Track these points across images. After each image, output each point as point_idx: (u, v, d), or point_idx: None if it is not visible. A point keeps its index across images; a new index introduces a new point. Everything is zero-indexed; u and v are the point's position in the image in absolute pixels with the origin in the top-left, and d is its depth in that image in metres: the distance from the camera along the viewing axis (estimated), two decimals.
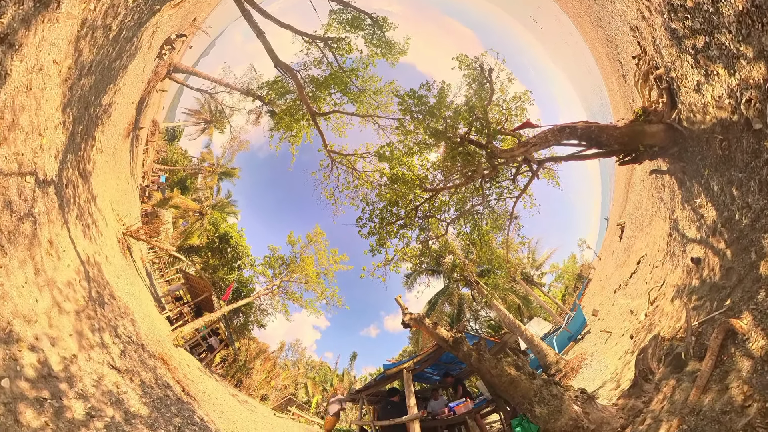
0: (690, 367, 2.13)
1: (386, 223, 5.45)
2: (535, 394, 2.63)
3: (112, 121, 5.74)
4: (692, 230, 3.18)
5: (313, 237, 12.81)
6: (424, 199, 5.61)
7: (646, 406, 2.34)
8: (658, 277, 4.22)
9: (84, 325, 2.80)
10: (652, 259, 5.01)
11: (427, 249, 6.42)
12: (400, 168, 5.62)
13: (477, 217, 6.08)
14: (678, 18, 2.65)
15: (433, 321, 3.77)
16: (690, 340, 2.23)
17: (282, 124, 7.84)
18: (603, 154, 3.69)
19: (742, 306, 1.83)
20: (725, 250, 2.34)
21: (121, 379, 2.86)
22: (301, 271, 12.05)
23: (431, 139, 5.13)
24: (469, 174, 4.97)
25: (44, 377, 1.91)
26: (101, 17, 3.08)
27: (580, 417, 2.44)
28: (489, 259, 7.44)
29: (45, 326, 2.18)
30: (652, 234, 5.49)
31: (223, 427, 4.45)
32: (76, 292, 2.91)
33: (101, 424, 2.10)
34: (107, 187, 6.11)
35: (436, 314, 12.58)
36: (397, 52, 7.66)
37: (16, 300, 1.96)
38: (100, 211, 4.84)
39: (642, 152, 3.37)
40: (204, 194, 21.59)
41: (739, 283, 2.00)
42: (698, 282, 2.73)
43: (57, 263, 2.71)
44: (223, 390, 7.99)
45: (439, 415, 3.91)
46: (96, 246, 4.18)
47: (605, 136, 3.44)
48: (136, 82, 7.02)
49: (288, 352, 27.49)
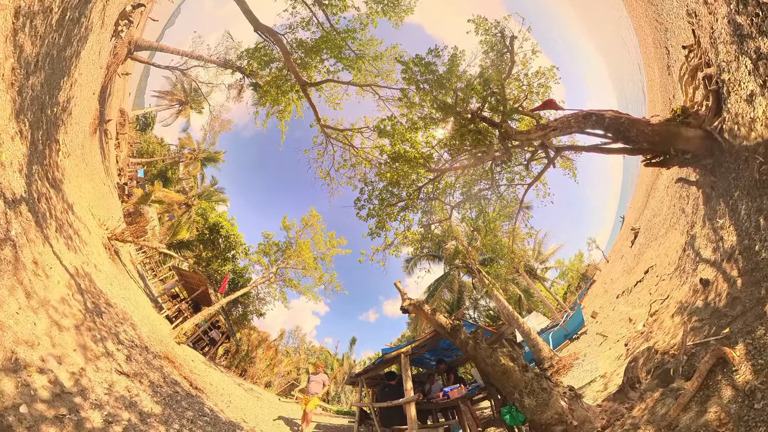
0: (676, 383, 2.37)
1: (386, 205, 5.31)
2: (525, 386, 2.90)
3: (74, 118, 5.36)
4: (708, 250, 3.24)
5: (309, 220, 12.81)
6: (427, 180, 5.42)
7: (628, 412, 2.65)
8: (663, 290, 4.42)
9: (86, 337, 3.02)
10: (660, 271, 5.17)
11: (429, 233, 6.36)
12: (403, 145, 5.29)
13: (484, 203, 5.94)
14: (747, 12, 2.34)
15: (432, 307, 3.91)
16: (681, 359, 2.45)
17: (268, 98, 7.23)
18: (629, 151, 3.51)
19: (739, 338, 1.97)
20: (736, 278, 2.42)
21: (131, 382, 3.17)
22: (298, 257, 12.17)
23: (438, 114, 4.82)
24: (479, 155, 4.77)
25: (58, 395, 2.13)
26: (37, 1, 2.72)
27: (566, 412, 2.77)
28: (493, 248, 7.55)
29: (48, 347, 2.36)
30: (665, 245, 5.54)
31: (233, 415, 4.98)
32: (72, 307, 3.07)
33: (120, 428, 2.40)
34: (83, 193, 5.97)
35: (436, 301, 13.12)
36: (402, 10, 6.78)
37: (15, 328, 2.09)
38: (79, 220, 4.82)
39: (672, 156, 3.19)
40: (188, 184, 21.11)
41: (742, 314, 2.13)
42: (702, 304, 2.89)
43: (46, 282, 2.81)
44: (229, 380, 8.82)
45: (434, 399, 4.34)
46: (82, 256, 4.26)
47: (635, 131, 3.23)
48: (93, 69, 6.39)
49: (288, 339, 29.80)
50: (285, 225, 13.15)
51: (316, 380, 5.73)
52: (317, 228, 12.93)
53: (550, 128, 3.69)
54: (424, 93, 4.79)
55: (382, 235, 5.37)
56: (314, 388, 5.59)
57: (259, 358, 17.91)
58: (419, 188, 5.44)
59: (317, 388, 5.60)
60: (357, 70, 6.89)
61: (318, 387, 5.62)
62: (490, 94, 4.41)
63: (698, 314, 2.80)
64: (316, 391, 5.55)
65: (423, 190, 5.49)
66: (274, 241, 13.06)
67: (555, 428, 2.70)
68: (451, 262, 12.32)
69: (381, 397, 4.99)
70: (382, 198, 5.36)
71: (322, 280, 12.49)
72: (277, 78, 7.28)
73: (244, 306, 16.59)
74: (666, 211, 6.47)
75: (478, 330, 3.41)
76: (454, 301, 14.13)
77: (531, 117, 4.56)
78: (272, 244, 13.03)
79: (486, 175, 5.45)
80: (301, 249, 12.27)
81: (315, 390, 5.57)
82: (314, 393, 5.54)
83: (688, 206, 4.55)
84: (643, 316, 4.37)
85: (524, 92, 4.96)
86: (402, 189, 5.41)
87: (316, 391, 5.57)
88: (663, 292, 4.27)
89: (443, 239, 10.50)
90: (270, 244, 13.01)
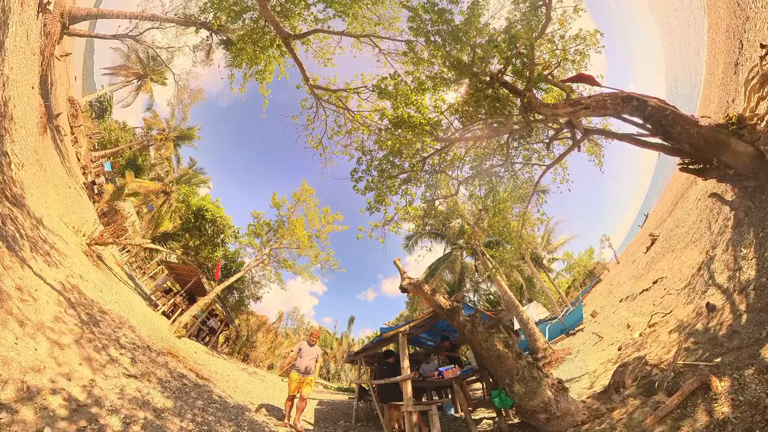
0: (658, 396, 2.74)
1: (386, 177, 5.13)
2: (517, 373, 3.23)
3: (18, 122, 4.94)
4: (723, 276, 3.37)
5: (301, 196, 12.74)
6: (434, 150, 5.21)
7: (608, 412, 3.12)
8: (667, 304, 4.73)
9: (88, 349, 3.32)
10: (669, 285, 5.38)
11: (432, 209, 6.13)
12: (407, 109, 4.92)
13: (495, 181, 5.78)
14: None
15: (432, 287, 4.05)
16: (668, 375, 2.80)
17: (243, 57, 6.39)
18: (667, 150, 3.34)
19: (728, 370, 2.22)
20: (743, 313, 2.60)
21: (140, 383, 3.60)
22: (291, 236, 12.26)
23: (451, 74, 4.43)
24: (495, 126, 4.54)
25: (75, 410, 2.45)
26: None
27: (551, 403, 3.18)
28: (500, 231, 7.51)
29: (55, 367, 2.62)
30: (681, 259, 5.64)
31: (240, 399, 5.68)
32: (67, 323, 3.30)
33: (138, 427, 2.81)
34: (49, 202, 5.89)
35: (436, 281, 13.58)
36: None
37: (18, 358, 2.29)
38: (53, 232, 4.83)
39: (713, 168, 3.06)
40: (163, 169, 20.29)
41: (737, 349, 2.35)
42: (702, 327, 3.15)
43: (36, 305, 2.98)
44: (233, 367, 9.91)
45: (429, 378, 4.83)
46: (65, 269, 4.39)
47: (679, 129, 3.06)
48: (25, 58, 5.60)
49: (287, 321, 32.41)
50: (275, 202, 13.04)
51: (309, 354, 4.47)
52: (310, 203, 12.83)
53: (582, 105, 3.42)
54: (435, 47, 4.27)
55: (381, 209, 5.24)
56: (307, 363, 4.32)
57: (259, 341, 19.65)
58: (424, 159, 5.16)
59: (310, 364, 4.36)
60: (352, 17, 5.87)
61: (311, 363, 4.41)
62: (515, 55, 3.98)
63: (695, 337, 3.08)
64: (309, 369, 4.30)
65: (428, 161, 5.21)
66: (264, 220, 13.09)
67: (539, 416, 3.18)
68: (455, 242, 12.46)
69: (379, 374, 5.07)
70: (381, 169, 5.12)
71: (318, 258, 12.68)
72: (252, 31, 6.36)
73: (239, 291, 17.45)
74: (691, 224, 6.44)
75: (476, 313, 3.65)
76: (454, 283, 14.60)
77: (561, 89, 4.21)
78: (263, 224, 13.04)
79: (500, 150, 5.17)
80: (294, 227, 12.27)
81: (308, 366, 4.31)
82: (308, 371, 4.29)
83: (715, 225, 4.58)
84: (641, 325, 4.80)
85: (557, 58, 4.46)
86: (404, 159, 5.14)
87: (310, 367, 4.32)
88: (666, 306, 4.60)
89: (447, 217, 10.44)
90: (260, 224, 13.03)
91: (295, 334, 29.75)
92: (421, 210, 6.02)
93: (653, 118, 3.17)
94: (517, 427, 3.59)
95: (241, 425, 3.93)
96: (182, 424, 3.13)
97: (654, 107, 3.18)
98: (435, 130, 4.81)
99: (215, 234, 16.70)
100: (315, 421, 5.82)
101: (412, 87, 4.85)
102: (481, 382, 5.89)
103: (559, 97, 4.81)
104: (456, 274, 14.60)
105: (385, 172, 5.14)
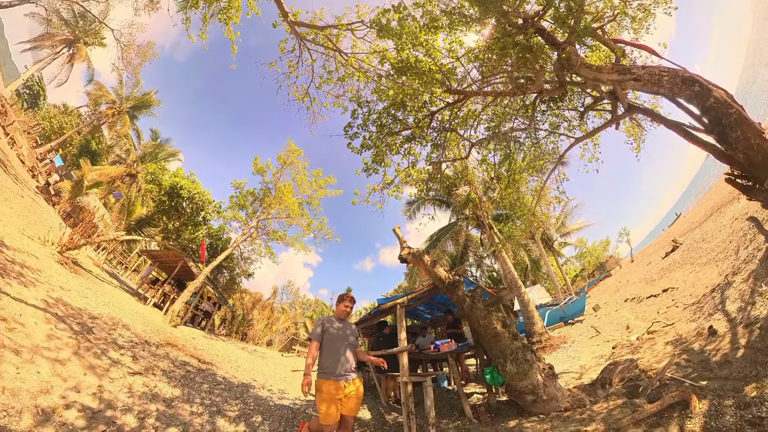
0: (639, 400, 3.29)
1: (387, 134, 4.86)
2: (511, 353, 3.57)
3: None
4: (734, 305, 3.62)
5: (287, 158, 12.37)
6: (445, 104, 4.86)
7: (590, 405, 3.78)
8: (671, 316, 5.13)
9: (88, 358, 3.73)
10: (678, 297, 5.69)
11: (438, 173, 5.94)
12: (414, 51, 4.39)
13: (513, 147, 5.49)
14: None
15: (432, 259, 4.16)
16: (654, 383, 3.31)
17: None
18: (717, 153, 3.21)
19: (710, 395, 2.59)
20: (742, 346, 2.89)
21: (146, 378, 4.16)
22: (279, 204, 12.19)
23: (473, 10, 3.92)
24: (522, 82, 4.22)
25: (92, 417, 2.92)
26: None
27: (539, 386, 3.71)
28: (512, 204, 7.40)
29: (61, 384, 2.99)
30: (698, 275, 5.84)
31: (243, 377, 6.54)
32: (61, 339, 3.61)
33: (152, 419, 3.40)
34: (5, 220, 5.83)
35: (437, 252, 13.77)
36: None
37: (25, 386, 2.60)
38: (18, 250, 4.86)
39: (763, 191, 2.97)
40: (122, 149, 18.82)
41: (725, 378, 2.70)
42: (698, 348, 3.54)
43: (25, 330, 3.21)
44: (232, 347, 11.12)
45: (425, 350, 5.08)
46: (44, 285, 4.56)
47: (739, 134, 2.90)
48: None
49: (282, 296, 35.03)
50: (258, 168, 12.66)
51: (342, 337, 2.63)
52: (299, 166, 12.48)
53: (632, 75, 3.11)
54: None
55: (380, 171, 5.06)
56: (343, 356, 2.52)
57: (256, 319, 21.56)
58: (432, 114, 4.81)
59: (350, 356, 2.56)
60: None
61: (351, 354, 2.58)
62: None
63: (689, 355, 3.50)
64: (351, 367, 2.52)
65: (437, 116, 4.86)
66: (248, 189, 12.84)
67: (526, 396, 3.79)
68: (461, 212, 12.33)
69: (375, 346, 5.41)
70: (381, 124, 4.83)
71: (310, 227, 12.74)
72: None
73: (229, 270, 18.18)
74: (719, 242, 6.53)
75: (477, 289, 3.81)
76: (457, 255, 14.86)
77: (611, 49, 3.77)
78: (246, 194, 12.81)
79: (524, 112, 4.83)
80: (282, 194, 12.12)
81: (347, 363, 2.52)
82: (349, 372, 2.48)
83: (744, 252, 4.67)
84: (640, 330, 5.37)
85: (613, 9, 3.87)
86: (408, 113, 4.82)
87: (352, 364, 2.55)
88: (670, 318, 5.03)
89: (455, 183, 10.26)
90: (244, 195, 12.81)
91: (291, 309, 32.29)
92: (425, 173, 5.76)
93: (712, 113, 2.94)
94: (505, 405, 4.24)
95: (247, 402, 4.63)
96: (192, 409, 3.72)
97: (717, 100, 2.91)
98: (448, 79, 4.33)
99: (195, 212, 16.65)
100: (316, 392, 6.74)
101: (421, 24, 4.19)
102: (476, 357, 6.61)
103: (605, 59, 4.28)
104: (459, 246, 14.71)
105: (385, 127, 4.83)
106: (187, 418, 3.46)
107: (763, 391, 2.19)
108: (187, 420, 3.40)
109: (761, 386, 2.25)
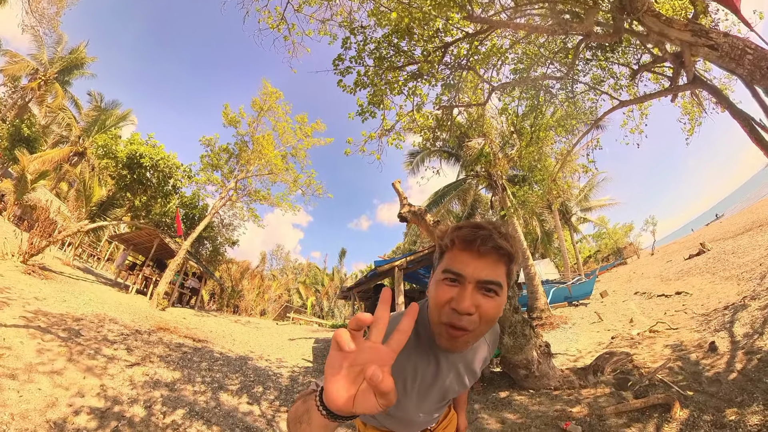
0: (626, 393, 3.95)
1: (387, 68, 4.36)
2: (510, 326, 4.08)
3: None
4: (742, 329, 3.92)
5: (264, 103, 11.51)
6: (463, 35, 4.29)
7: (580, 387, 4.55)
8: (677, 321, 5.55)
9: (83, 360, 4.20)
10: (689, 304, 5.97)
11: (448, 120, 5.36)
12: None
13: (543, 98, 5.02)
14: None
15: (435, 219, 4.24)
16: (644, 381, 3.91)
17: None
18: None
19: (692, 406, 3.08)
20: (736, 371, 3.25)
21: (144, 367, 4.80)
22: (260, 159, 11.70)
23: None
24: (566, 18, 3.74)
25: (102, 417, 3.47)
26: None
27: (533, 362, 4.36)
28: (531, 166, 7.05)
29: (65, 393, 3.44)
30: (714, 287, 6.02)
31: (240, 350, 7.35)
32: (51, 350, 3.97)
33: (159, 405, 4.08)
34: None
35: (442, 211, 13.63)
36: None
37: (31, 406, 2.97)
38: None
39: None
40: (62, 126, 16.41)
41: (711, 396, 3.15)
42: (694, 359, 4.00)
43: (12, 352, 3.51)
44: (225, 321, 12.15)
45: None
46: (17, 302, 4.73)
47: None
48: None
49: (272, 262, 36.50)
50: (230, 119, 11.80)
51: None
52: (278, 112, 11.69)
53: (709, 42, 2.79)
54: None
55: (378, 115, 4.72)
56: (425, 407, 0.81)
57: (246, 290, 23.02)
58: (446, 46, 4.22)
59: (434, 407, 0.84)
60: None
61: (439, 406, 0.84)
62: None
63: (684, 363, 4.00)
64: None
65: (452, 50, 4.31)
66: (220, 146, 12.19)
67: (519, 370, 4.53)
68: (471, 168, 11.89)
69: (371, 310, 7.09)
70: (380, 56, 4.28)
71: (297, 183, 12.39)
72: None
73: (211, 240, 18.44)
74: (748, 260, 6.63)
75: None
76: (463, 216, 14.64)
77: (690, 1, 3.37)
78: (219, 151, 12.17)
79: (563, 57, 4.29)
80: (261, 147, 11.53)
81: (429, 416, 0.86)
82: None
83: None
84: (643, 326, 5.96)
85: None
86: (416, 44, 4.25)
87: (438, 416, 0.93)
88: (675, 322, 5.47)
89: (467, 133, 9.78)
90: (216, 153, 12.18)
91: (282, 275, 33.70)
92: (432, 119, 5.25)
93: None
94: (498, 376, 4.91)
95: (247, 374, 5.33)
96: (195, 389, 4.33)
97: None
98: (470, 2, 3.74)
99: (162, 181, 16.08)
100: (314, 358, 7.73)
101: None
102: None
103: (679, 12, 3.66)
104: (467, 206, 14.42)
105: (384, 60, 4.31)
106: (191, 397, 4.04)
107: (743, 417, 2.62)
108: (192, 400, 3.98)
109: (742, 413, 2.68)
